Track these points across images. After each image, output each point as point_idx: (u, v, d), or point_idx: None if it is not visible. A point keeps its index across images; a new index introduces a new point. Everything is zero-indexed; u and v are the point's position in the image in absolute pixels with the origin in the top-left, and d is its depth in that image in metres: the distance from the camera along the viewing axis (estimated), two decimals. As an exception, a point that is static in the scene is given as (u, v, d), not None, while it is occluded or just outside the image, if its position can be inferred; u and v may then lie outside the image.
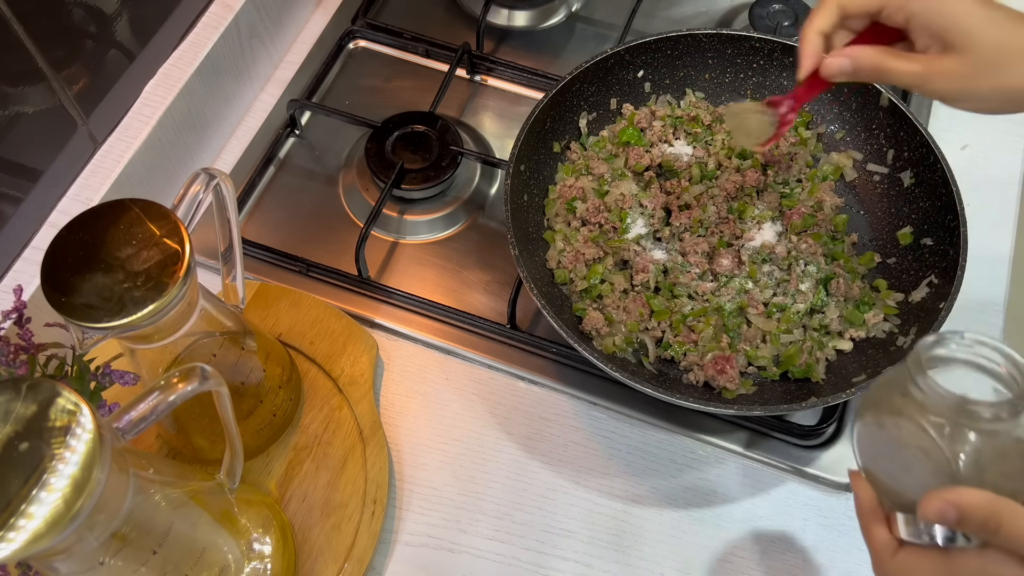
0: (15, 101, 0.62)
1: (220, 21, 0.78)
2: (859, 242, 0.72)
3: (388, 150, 0.78)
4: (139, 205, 0.46)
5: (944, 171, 0.67)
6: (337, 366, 0.68)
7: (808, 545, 0.64)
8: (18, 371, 0.50)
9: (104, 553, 0.41)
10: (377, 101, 0.85)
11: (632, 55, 0.75)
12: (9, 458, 0.35)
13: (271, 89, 0.86)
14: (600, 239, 0.70)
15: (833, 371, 0.66)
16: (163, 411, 0.42)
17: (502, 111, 0.85)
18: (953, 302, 0.61)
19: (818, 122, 0.77)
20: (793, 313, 0.67)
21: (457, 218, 0.78)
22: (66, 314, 0.43)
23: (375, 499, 0.63)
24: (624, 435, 0.68)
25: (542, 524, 0.64)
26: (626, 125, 0.76)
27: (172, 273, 0.44)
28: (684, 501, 0.65)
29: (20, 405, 0.36)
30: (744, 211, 0.71)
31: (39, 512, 0.34)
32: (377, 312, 0.73)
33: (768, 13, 0.86)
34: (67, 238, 0.45)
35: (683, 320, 0.67)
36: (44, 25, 0.62)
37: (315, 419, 0.66)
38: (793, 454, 0.67)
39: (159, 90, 0.74)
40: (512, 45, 0.90)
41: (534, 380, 0.70)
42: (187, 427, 0.61)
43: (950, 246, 0.65)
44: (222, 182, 0.51)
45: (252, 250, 0.75)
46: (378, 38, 0.89)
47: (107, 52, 0.70)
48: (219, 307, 0.54)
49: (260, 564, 0.56)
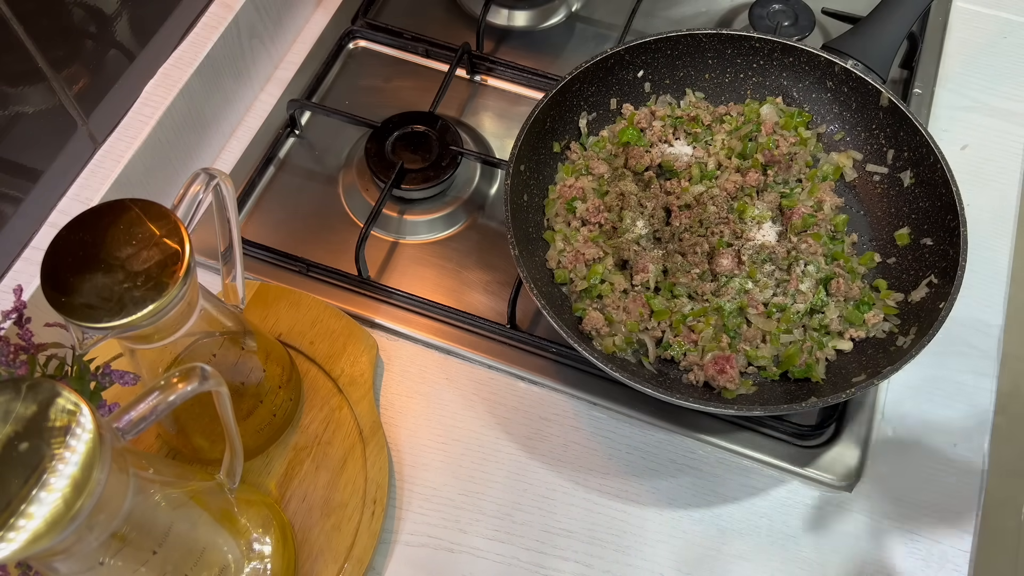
0: (15, 101, 0.62)
1: (220, 21, 0.78)
2: (859, 242, 0.72)
3: (388, 150, 0.78)
4: (139, 205, 0.46)
5: (944, 171, 0.67)
6: (337, 366, 0.68)
7: (808, 545, 0.64)
8: (18, 371, 0.50)
9: (104, 553, 0.41)
10: (377, 101, 0.85)
11: (632, 55, 0.75)
12: (9, 458, 0.35)
13: (271, 89, 0.86)
14: (600, 239, 0.70)
15: (833, 371, 0.66)
16: (163, 411, 0.42)
17: (502, 111, 0.85)
18: (953, 302, 0.61)
19: (818, 122, 0.77)
20: (793, 313, 0.67)
21: (457, 218, 0.78)
22: (66, 314, 0.43)
23: (375, 499, 0.63)
24: (624, 435, 0.68)
25: (542, 524, 0.64)
26: (626, 125, 0.76)
27: (172, 273, 0.44)
28: (684, 501, 0.65)
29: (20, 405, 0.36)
30: (744, 211, 0.71)
31: (39, 512, 0.34)
32: (377, 312, 0.73)
33: (768, 13, 0.86)
34: (67, 238, 0.45)
35: (683, 320, 0.67)
36: (44, 25, 0.62)
37: (315, 419, 0.66)
38: (793, 454, 0.67)
39: (159, 90, 0.74)
40: (512, 45, 0.90)
41: (534, 380, 0.70)
42: (187, 427, 0.61)
43: (950, 246, 0.65)
44: (222, 182, 0.51)
45: (252, 250, 0.75)
46: (378, 38, 0.89)
47: (107, 52, 0.70)
48: (219, 307, 0.54)
49: (260, 564, 0.56)
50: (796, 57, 0.75)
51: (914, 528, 0.64)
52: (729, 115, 0.78)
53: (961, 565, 0.63)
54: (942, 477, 0.66)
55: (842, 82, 0.74)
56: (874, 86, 0.72)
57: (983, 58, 0.88)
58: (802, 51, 0.75)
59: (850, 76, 0.73)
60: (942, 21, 0.90)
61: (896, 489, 0.66)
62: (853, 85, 0.74)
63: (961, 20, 0.90)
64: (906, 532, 0.64)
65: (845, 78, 0.74)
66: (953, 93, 0.85)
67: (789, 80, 0.77)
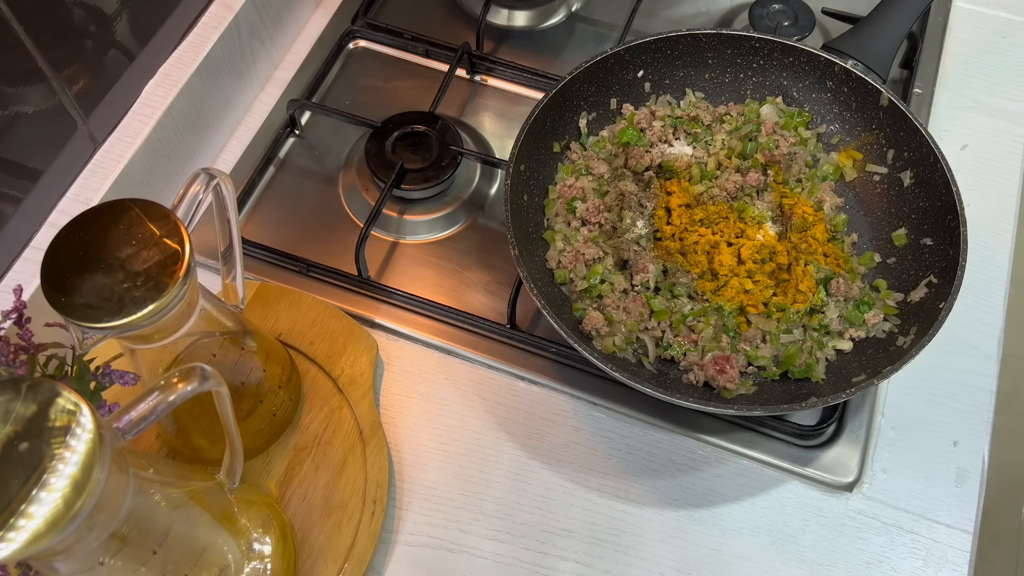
0: (15, 101, 0.62)
1: (220, 21, 0.78)
2: (859, 242, 0.72)
3: (388, 150, 0.78)
4: (139, 205, 0.46)
5: (944, 171, 0.67)
6: (337, 366, 0.68)
7: (808, 545, 0.64)
8: (18, 371, 0.50)
9: (104, 553, 0.41)
10: (377, 101, 0.85)
11: (632, 55, 0.75)
12: (9, 458, 0.35)
13: (271, 89, 0.86)
14: (600, 239, 0.70)
15: (833, 371, 0.66)
16: (163, 411, 0.42)
17: (502, 111, 0.85)
18: (953, 302, 0.61)
19: (818, 122, 0.77)
20: (793, 313, 0.67)
21: (457, 218, 0.78)
22: (66, 314, 0.43)
23: (375, 499, 0.63)
24: (624, 435, 0.68)
25: (542, 524, 0.64)
26: (626, 125, 0.76)
27: (172, 273, 0.44)
28: (684, 501, 0.65)
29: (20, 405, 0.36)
30: (744, 211, 0.71)
31: (39, 512, 0.34)
32: (377, 312, 0.73)
33: (768, 13, 0.86)
34: (67, 238, 0.45)
35: (683, 320, 0.67)
36: (44, 25, 0.62)
37: (315, 419, 0.66)
38: (793, 454, 0.67)
39: (159, 90, 0.74)
40: (512, 45, 0.90)
41: (534, 380, 0.70)
42: (187, 427, 0.61)
43: (950, 246, 0.65)
44: (222, 182, 0.51)
45: (252, 250, 0.75)
46: (378, 38, 0.89)
47: (107, 52, 0.70)
48: (219, 307, 0.54)
49: (260, 564, 0.56)
50: (796, 57, 0.75)
51: (914, 528, 0.64)
52: (729, 115, 0.78)
53: (961, 565, 0.63)
54: (942, 477, 0.66)
55: (842, 82, 0.74)
56: (874, 86, 0.72)
57: (983, 58, 0.88)
58: (802, 51, 0.75)
59: (850, 76, 0.73)
60: (942, 21, 0.90)
61: (896, 489, 0.66)
62: (853, 85, 0.74)
63: (961, 20, 0.90)
64: (906, 532, 0.64)
65: (845, 78, 0.74)
66: (953, 93, 0.85)
67: (789, 80, 0.77)
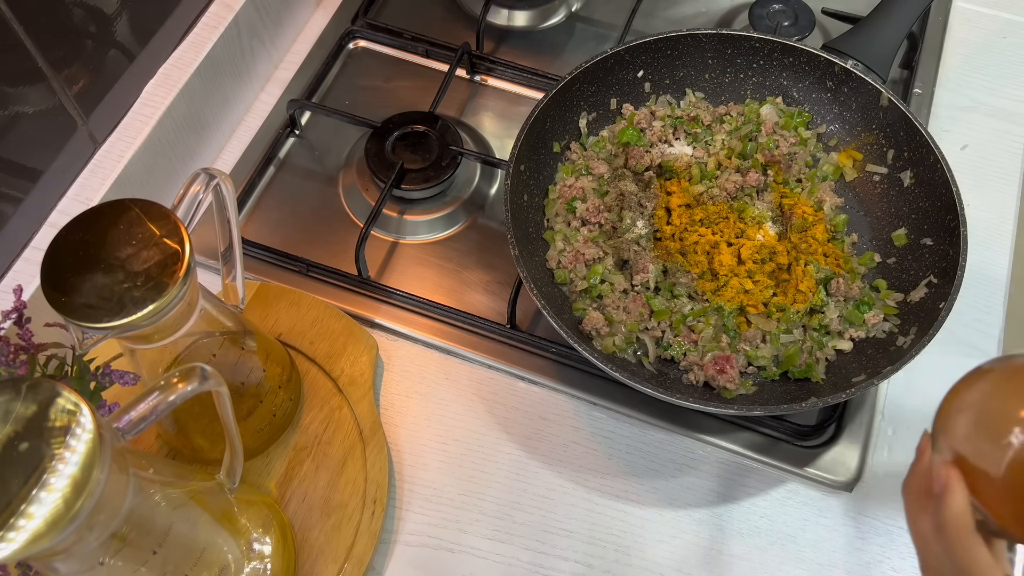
0: (15, 101, 0.62)
1: (220, 21, 0.78)
2: (859, 242, 0.72)
3: (388, 150, 0.78)
4: (139, 205, 0.46)
5: (944, 171, 0.67)
6: (337, 366, 0.68)
7: (808, 545, 0.64)
8: (18, 371, 0.50)
9: (104, 553, 0.41)
10: (377, 101, 0.85)
11: (632, 55, 0.75)
12: (9, 458, 0.35)
13: (271, 89, 0.86)
14: (600, 239, 0.70)
15: (833, 371, 0.66)
16: (163, 411, 0.42)
17: (502, 111, 0.85)
18: (953, 302, 0.61)
19: (818, 122, 0.77)
20: (793, 313, 0.67)
21: (457, 218, 0.78)
22: (66, 314, 0.43)
23: (375, 499, 0.63)
24: (624, 435, 0.68)
25: (542, 524, 0.64)
26: (626, 125, 0.76)
27: (172, 273, 0.44)
28: (684, 501, 0.65)
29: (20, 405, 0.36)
30: (744, 211, 0.71)
31: (39, 512, 0.34)
32: (377, 312, 0.73)
33: (768, 13, 0.86)
34: (67, 238, 0.45)
35: (683, 320, 0.67)
36: (44, 25, 0.62)
37: (315, 419, 0.66)
38: (793, 454, 0.67)
39: (159, 90, 0.74)
40: (512, 45, 0.89)
41: (534, 380, 0.70)
42: (187, 427, 0.61)
43: (950, 246, 0.65)
44: (222, 182, 0.51)
45: (252, 250, 0.75)
46: (378, 38, 0.89)
47: (107, 52, 0.70)
48: (219, 307, 0.54)
49: (260, 564, 0.56)
50: (796, 57, 0.75)
51: (914, 528, 0.64)
52: (729, 115, 0.78)
53: (961, 565, 0.63)
54: (942, 477, 0.66)
55: (842, 82, 0.74)
56: (874, 86, 0.72)
57: (983, 58, 0.88)
58: (802, 51, 0.75)
59: (850, 76, 0.73)
60: (942, 21, 0.90)
61: (896, 489, 0.66)
62: (853, 85, 0.74)
63: (961, 20, 0.90)
64: (906, 532, 0.64)
65: (845, 78, 0.74)
66: (953, 93, 0.85)
67: (789, 80, 0.77)
